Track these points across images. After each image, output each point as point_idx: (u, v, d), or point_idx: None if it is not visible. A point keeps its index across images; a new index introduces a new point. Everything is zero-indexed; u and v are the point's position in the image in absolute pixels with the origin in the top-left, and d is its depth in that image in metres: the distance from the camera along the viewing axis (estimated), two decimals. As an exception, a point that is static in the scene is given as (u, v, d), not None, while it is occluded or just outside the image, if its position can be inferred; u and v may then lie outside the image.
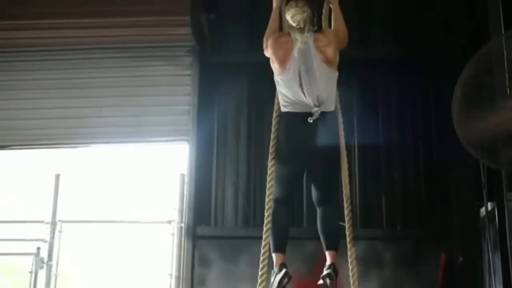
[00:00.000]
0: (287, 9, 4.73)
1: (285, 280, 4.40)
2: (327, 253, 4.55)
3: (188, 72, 6.90)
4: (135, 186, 6.94)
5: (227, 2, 7.22)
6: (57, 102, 6.92)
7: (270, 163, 4.67)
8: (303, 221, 6.55)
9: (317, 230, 4.63)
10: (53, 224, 6.54)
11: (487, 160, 4.83)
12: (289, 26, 4.72)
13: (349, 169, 4.80)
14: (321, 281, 4.45)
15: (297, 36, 4.59)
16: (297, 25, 4.62)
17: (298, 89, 4.45)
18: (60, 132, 6.86)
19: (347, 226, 4.67)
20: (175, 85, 6.91)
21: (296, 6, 4.66)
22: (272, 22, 4.82)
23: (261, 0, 6.83)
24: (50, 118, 6.87)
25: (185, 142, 6.74)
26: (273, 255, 4.55)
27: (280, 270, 4.43)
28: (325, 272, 4.45)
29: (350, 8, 5.66)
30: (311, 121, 4.39)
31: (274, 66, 4.61)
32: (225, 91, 6.99)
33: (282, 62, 4.54)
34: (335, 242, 4.58)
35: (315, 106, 4.40)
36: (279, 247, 4.56)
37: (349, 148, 5.02)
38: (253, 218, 6.58)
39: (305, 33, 4.59)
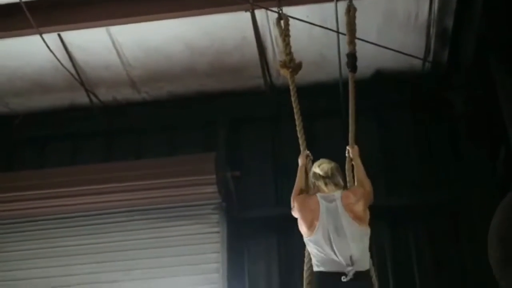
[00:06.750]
0: (313, 166, 4.72)
1: None
2: None
3: (216, 229, 6.88)
4: None
5: (251, 158, 7.42)
6: (85, 268, 6.86)
7: None
8: None
9: None
10: None
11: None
12: (315, 177, 4.62)
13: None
14: None
15: (324, 187, 4.53)
16: (324, 174, 4.55)
17: (329, 249, 4.28)
18: (90, 298, 6.77)
19: None
20: (204, 244, 6.85)
21: (323, 162, 4.70)
22: (298, 180, 4.79)
23: (284, 154, 7.06)
24: (79, 284, 6.78)
25: (217, 301, 6.60)
26: None
27: None
28: None
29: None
30: (344, 279, 4.18)
31: (302, 228, 4.47)
32: (254, 246, 7.00)
33: (310, 224, 4.39)
34: None
35: (348, 265, 4.22)
36: None
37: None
38: None
39: (332, 186, 4.53)
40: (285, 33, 5.43)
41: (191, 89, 7.80)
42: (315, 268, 4.40)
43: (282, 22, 5.49)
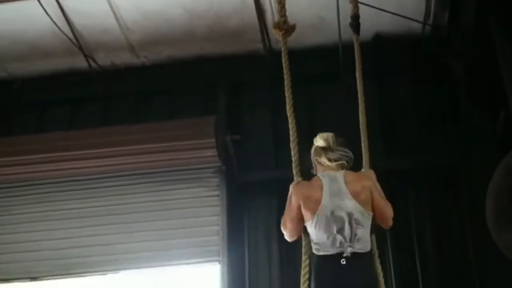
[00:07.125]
0: (314, 141, 4.48)
1: None
2: None
3: (216, 192, 6.93)
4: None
5: (251, 121, 7.42)
6: (88, 231, 6.93)
7: None
8: None
9: None
10: None
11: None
12: (317, 153, 4.42)
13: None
14: None
15: (327, 162, 4.34)
16: (326, 144, 4.36)
17: (333, 228, 4.07)
18: (91, 260, 6.83)
19: None
20: (204, 207, 6.92)
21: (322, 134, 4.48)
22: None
23: (283, 117, 7.04)
24: (81, 247, 6.86)
25: (217, 263, 6.67)
26: None
27: None
28: None
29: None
30: (344, 262, 4.03)
31: (307, 214, 4.19)
32: (254, 210, 7.02)
33: (314, 207, 4.16)
34: None
35: (349, 245, 4.04)
36: None
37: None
38: None
39: (337, 157, 4.34)
40: (281, -5, 5.34)
41: (190, 53, 7.76)
42: (315, 252, 4.19)
43: (279, -17, 5.40)
